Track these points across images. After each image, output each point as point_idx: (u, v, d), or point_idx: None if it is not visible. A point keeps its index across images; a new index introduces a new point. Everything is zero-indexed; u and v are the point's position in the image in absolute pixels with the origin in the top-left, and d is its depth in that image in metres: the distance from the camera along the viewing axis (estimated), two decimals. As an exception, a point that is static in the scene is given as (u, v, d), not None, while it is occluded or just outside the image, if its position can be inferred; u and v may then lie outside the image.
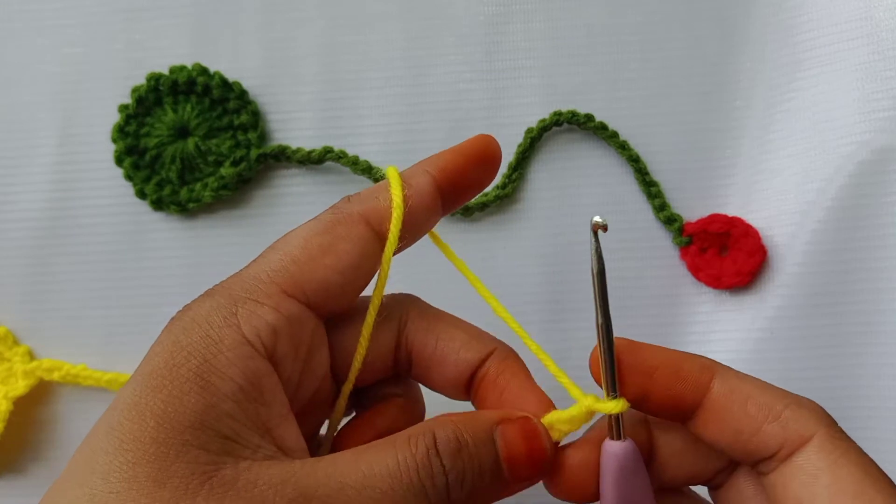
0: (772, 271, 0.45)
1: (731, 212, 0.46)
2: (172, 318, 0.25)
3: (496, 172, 0.31)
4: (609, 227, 0.45)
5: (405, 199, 0.27)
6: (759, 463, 0.26)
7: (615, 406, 0.26)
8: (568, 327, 0.46)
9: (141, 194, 0.46)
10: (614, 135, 0.46)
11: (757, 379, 0.27)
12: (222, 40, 0.47)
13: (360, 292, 0.28)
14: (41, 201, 0.47)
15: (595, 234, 0.27)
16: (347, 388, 0.29)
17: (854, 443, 0.25)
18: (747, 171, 0.46)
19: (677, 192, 0.46)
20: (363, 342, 0.28)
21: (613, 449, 0.27)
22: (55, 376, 0.45)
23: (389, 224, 0.27)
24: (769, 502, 0.26)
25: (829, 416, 0.26)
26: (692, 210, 0.46)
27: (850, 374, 0.44)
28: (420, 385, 0.32)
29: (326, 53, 0.47)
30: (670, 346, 0.44)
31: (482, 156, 0.30)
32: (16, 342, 0.46)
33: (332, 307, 0.28)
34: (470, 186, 0.30)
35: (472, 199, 0.46)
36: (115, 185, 0.47)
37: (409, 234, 0.28)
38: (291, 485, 0.23)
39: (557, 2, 0.47)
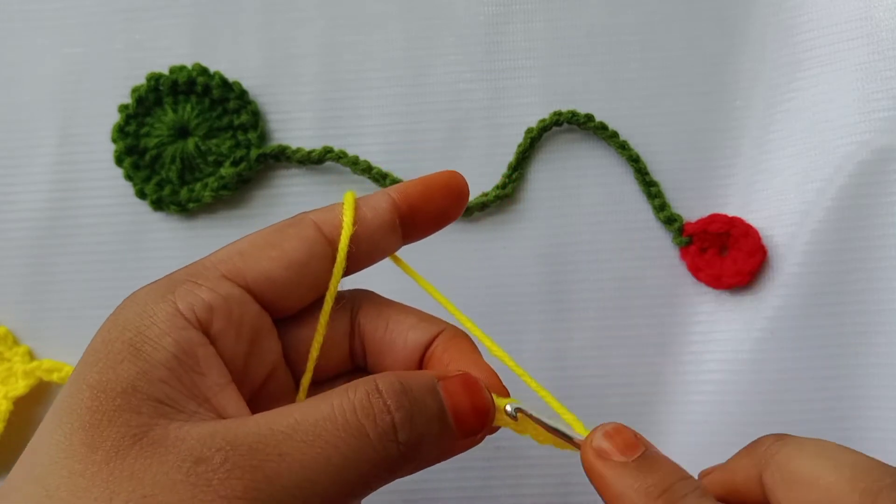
0: (772, 271, 0.45)
1: (731, 212, 0.46)
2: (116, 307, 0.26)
3: (462, 206, 0.31)
4: (609, 228, 0.46)
5: (362, 215, 0.28)
6: None
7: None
8: (568, 327, 0.46)
9: (141, 194, 0.46)
10: (614, 135, 0.46)
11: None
12: (222, 40, 0.47)
13: (311, 294, 0.29)
14: (41, 201, 0.47)
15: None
16: (307, 377, 0.29)
17: None
18: (747, 171, 0.46)
19: (677, 192, 0.46)
20: (320, 329, 0.29)
21: None
22: (55, 377, 0.45)
23: (341, 232, 0.28)
24: None
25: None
26: (692, 210, 0.46)
27: (850, 373, 0.44)
28: None
29: (326, 53, 0.47)
30: (670, 347, 0.45)
31: (446, 187, 0.30)
32: (16, 342, 0.46)
33: (281, 301, 0.28)
34: (433, 215, 0.31)
35: (472, 199, 0.46)
36: (115, 185, 0.47)
37: (365, 246, 0.29)
38: (221, 435, 0.23)
39: (557, 2, 0.47)
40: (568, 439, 0.27)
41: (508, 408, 0.27)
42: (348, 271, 0.29)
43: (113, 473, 0.22)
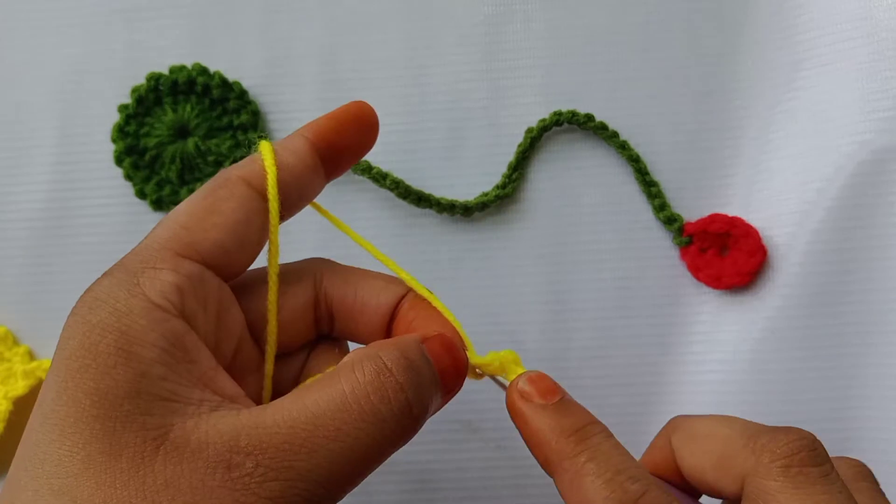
0: (772, 271, 0.45)
1: (731, 212, 0.46)
2: (75, 304, 0.25)
3: (375, 136, 0.31)
4: (609, 228, 0.46)
5: (284, 161, 0.28)
6: None
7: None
8: (568, 327, 0.46)
9: (141, 194, 0.46)
10: (614, 135, 0.46)
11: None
12: (222, 40, 0.47)
13: (256, 252, 0.29)
14: (41, 201, 0.47)
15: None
16: (271, 346, 0.29)
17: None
18: (747, 170, 0.46)
19: (677, 191, 0.46)
20: (272, 297, 0.29)
21: None
22: (55, 376, 0.45)
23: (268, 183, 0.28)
24: None
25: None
26: (692, 210, 0.46)
27: (850, 373, 0.44)
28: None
29: (326, 53, 0.47)
30: (670, 346, 0.45)
31: (356, 118, 0.30)
32: (16, 342, 0.46)
33: (232, 266, 0.28)
34: (349, 149, 0.30)
35: (472, 199, 0.46)
36: (115, 185, 0.47)
37: (293, 192, 0.29)
38: (244, 437, 0.23)
39: (558, 2, 0.47)
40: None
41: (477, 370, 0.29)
42: (282, 219, 0.29)
43: (146, 482, 0.22)
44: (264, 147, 0.28)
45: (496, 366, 0.29)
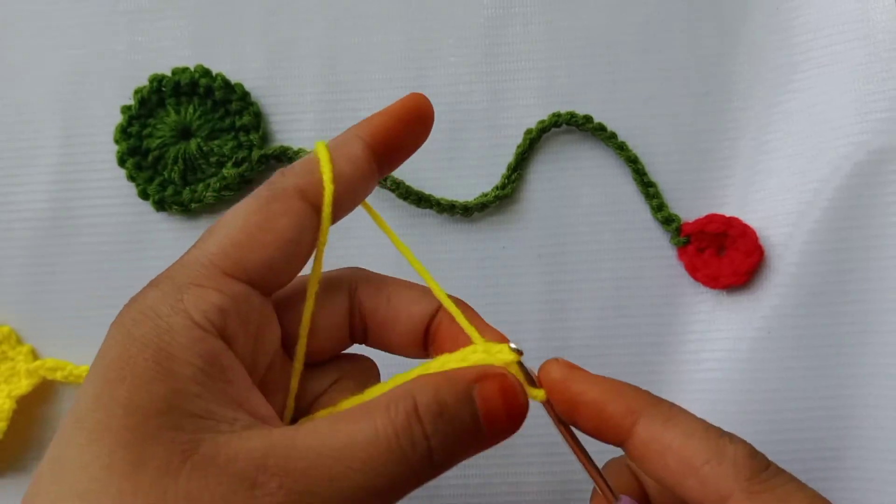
0: (769, 271, 0.45)
1: (728, 212, 0.46)
2: (120, 312, 0.25)
3: (429, 131, 0.30)
4: (607, 228, 0.46)
5: (340, 170, 0.27)
6: None
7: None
8: (566, 326, 0.46)
9: (143, 195, 0.46)
10: (613, 136, 0.46)
11: (688, 421, 0.26)
12: (224, 42, 0.48)
13: (302, 266, 0.28)
14: (44, 202, 0.47)
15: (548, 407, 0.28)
16: (298, 363, 0.29)
17: (781, 490, 0.24)
18: (745, 171, 0.46)
19: (675, 192, 0.46)
20: (308, 307, 0.29)
21: None
22: (58, 375, 0.45)
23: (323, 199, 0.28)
24: None
25: (755, 461, 0.25)
26: (690, 210, 0.46)
27: (847, 373, 0.44)
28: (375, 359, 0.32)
29: (327, 55, 0.47)
30: (668, 346, 0.45)
31: (415, 115, 0.29)
32: (19, 341, 0.47)
33: (277, 282, 0.28)
34: (404, 147, 0.30)
35: (472, 200, 0.46)
36: (117, 186, 0.47)
37: (347, 202, 0.28)
38: (273, 458, 0.23)
39: (556, 4, 0.48)
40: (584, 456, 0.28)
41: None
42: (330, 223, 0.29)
43: (167, 493, 0.22)
44: (322, 152, 0.28)
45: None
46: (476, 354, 0.27)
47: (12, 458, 0.46)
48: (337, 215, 0.28)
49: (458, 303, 0.30)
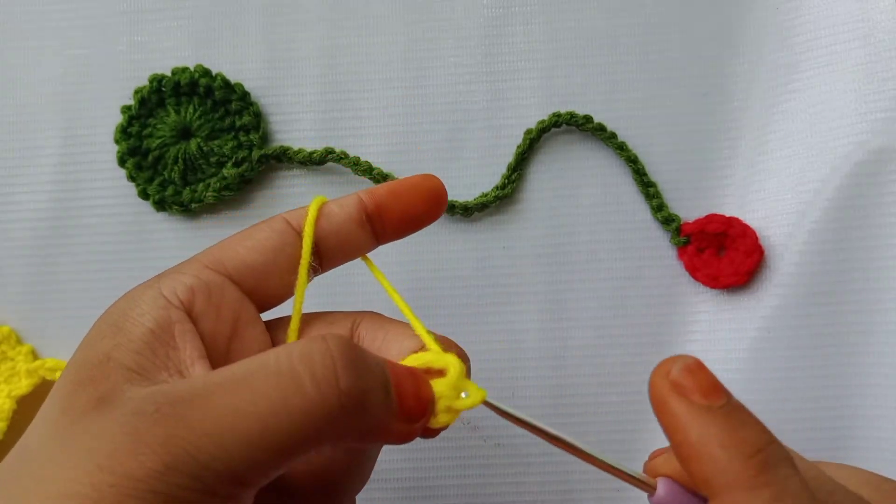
0: (769, 271, 0.45)
1: (728, 212, 0.46)
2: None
3: (439, 207, 0.32)
4: (607, 228, 0.46)
5: (328, 210, 0.30)
6: None
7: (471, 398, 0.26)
8: (566, 326, 0.46)
9: (143, 195, 0.46)
10: (613, 136, 0.46)
11: None
12: (224, 42, 0.48)
13: (289, 277, 0.29)
14: (44, 202, 0.47)
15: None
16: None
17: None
18: (745, 171, 0.46)
19: (675, 192, 0.46)
20: (293, 325, 0.30)
21: (657, 500, 0.25)
22: (58, 375, 0.45)
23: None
24: None
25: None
26: (690, 210, 0.46)
27: (846, 373, 0.44)
28: None
29: (328, 55, 0.48)
30: (668, 346, 0.46)
31: (415, 187, 0.31)
32: (19, 341, 0.47)
33: (262, 288, 0.29)
34: (404, 214, 0.31)
35: (472, 200, 0.46)
36: (117, 186, 0.47)
37: (336, 245, 0.30)
38: (164, 391, 0.23)
39: (556, 4, 0.48)
40: (539, 431, 0.27)
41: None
42: (324, 268, 0.30)
43: (75, 432, 0.23)
44: (316, 198, 0.30)
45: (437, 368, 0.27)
46: (427, 355, 0.27)
47: (12, 458, 0.46)
48: (325, 253, 0.30)
49: (450, 342, 0.30)
